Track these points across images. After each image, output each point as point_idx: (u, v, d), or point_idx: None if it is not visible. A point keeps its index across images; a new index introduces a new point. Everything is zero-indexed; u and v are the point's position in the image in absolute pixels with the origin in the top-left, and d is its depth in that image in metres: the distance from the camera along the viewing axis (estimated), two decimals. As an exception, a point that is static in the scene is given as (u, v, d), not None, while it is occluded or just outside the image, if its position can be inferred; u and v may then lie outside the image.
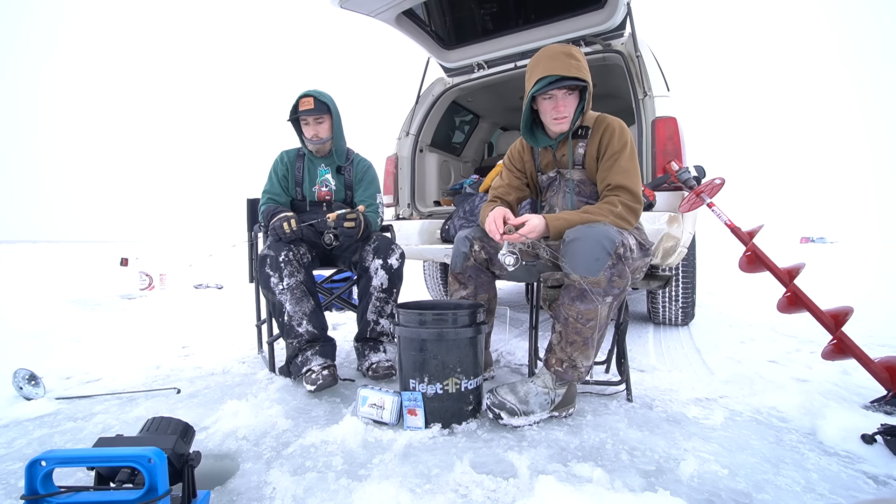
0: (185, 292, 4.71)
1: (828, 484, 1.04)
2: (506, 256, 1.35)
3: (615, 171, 1.40)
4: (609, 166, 1.41)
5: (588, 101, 1.43)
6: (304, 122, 1.89)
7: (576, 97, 1.43)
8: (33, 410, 1.49)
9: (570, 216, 1.35)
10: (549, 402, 1.36)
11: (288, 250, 1.71)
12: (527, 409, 1.32)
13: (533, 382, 1.38)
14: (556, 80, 1.34)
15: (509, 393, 1.35)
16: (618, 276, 1.25)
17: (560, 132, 1.47)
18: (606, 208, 1.35)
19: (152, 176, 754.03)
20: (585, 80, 1.35)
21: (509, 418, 1.30)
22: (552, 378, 1.37)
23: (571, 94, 1.41)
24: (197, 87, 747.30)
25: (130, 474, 0.86)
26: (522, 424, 1.31)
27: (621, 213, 1.35)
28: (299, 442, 1.25)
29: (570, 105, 1.42)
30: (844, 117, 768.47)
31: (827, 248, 23.19)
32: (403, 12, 2.53)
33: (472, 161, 3.95)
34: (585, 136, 1.49)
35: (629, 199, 1.37)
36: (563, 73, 1.33)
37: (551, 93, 1.40)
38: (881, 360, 1.50)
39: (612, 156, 1.41)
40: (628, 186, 1.38)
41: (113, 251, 14.01)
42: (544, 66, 1.35)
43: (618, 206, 1.35)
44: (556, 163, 1.56)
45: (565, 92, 1.40)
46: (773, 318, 2.98)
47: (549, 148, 1.56)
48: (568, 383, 1.38)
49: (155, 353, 2.24)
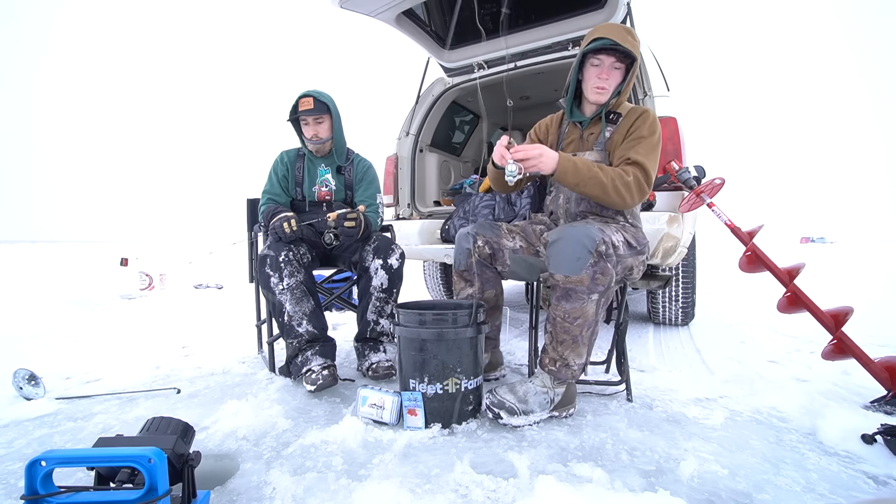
0: (185, 292, 4.70)
1: (828, 484, 1.04)
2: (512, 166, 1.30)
3: (637, 149, 1.40)
4: (632, 145, 1.42)
5: (628, 83, 1.45)
6: (304, 122, 1.89)
7: (621, 73, 1.45)
8: (33, 410, 1.49)
9: (583, 164, 1.33)
10: (549, 402, 1.36)
11: (288, 250, 1.71)
12: (526, 408, 1.32)
13: (532, 382, 1.38)
14: (609, 45, 1.38)
15: (508, 393, 1.35)
16: (600, 273, 1.25)
17: (598, 103, 1.48)
18: (618, 172, 1.35)
19: (152, 176, 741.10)
20: (635, 54, 1.39)
21: (509, 417, 1.30)
22: (549, 378, 1.37)
23: (618, 69, 1.44)
24: (197, 87, 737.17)
25: (130, 474, 0.86)
26: (522, 424, 1.31)
27: (629, 184, 1.34)
28: (299, 442, 1.25)
29: (615, 77, 1.45)
30: (844, 117, 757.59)
31: (827, 248, 23.19)
32: (403, 12, 2.53)
33: (472, 161, 3.95)
34: (616, 122, 1.50)
35: (642, 177, 1.37)
36: (618, 41, 1.36)
37: (600, 58, 1.43)
38: (881, 360, 1.50)
39: (638, 137, 1.42)
40: (645, 165, 1.38)
41: (113, 251, 14.01)
42: (603, 31, 1.40)
43: (630, 176, 1.35)
44: (581, 143, 1.56)
45: (614, 61, 1.43)
46: (773, 318, 2.98)
47: (578, 126, 1.57)
48: (565, 383, 1.38)
49: (155, 353, 2.24)
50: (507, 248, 1.58)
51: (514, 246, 1.58)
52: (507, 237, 1.59)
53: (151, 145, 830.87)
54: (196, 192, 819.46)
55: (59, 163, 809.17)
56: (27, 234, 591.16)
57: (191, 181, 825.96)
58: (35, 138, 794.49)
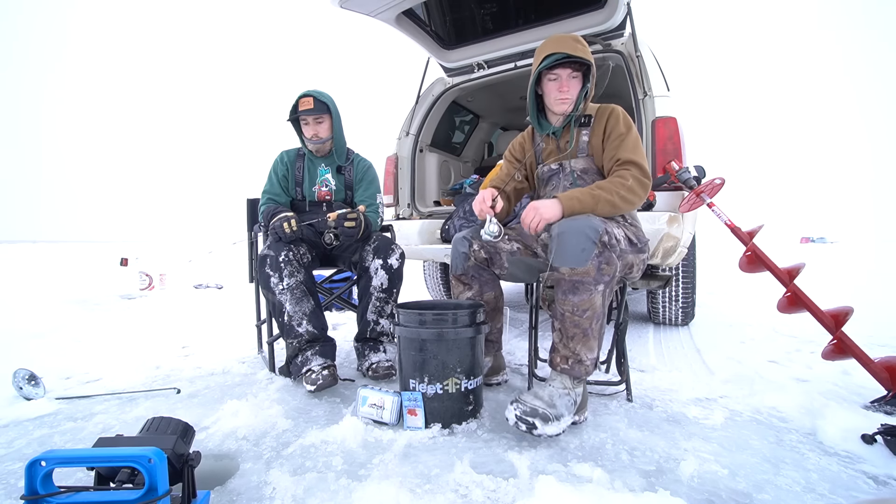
0: (185, 292, 4.70)
1: (828, 484, 1.04)
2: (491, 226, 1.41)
3: (623, 148, 1.42)
4: (616, 145, 1.44)
5: (591, 88, 1.47)
6: (304, 122, 1.89)
7: (580, 81, 1.47)
8: (33, 410, 1.49)
9: (582, 195, 1.34)
10: (573, 404, 1.29)
11: (288, 250, 1.71)
12: (556, 413, 1.22)
13: (551, 385, 1.31)
14: (562, 59, 1.39)
15: (535, 399, 1.24)
16: (605, 263, 1.25)
17: (563, 113, 1.49)
18: (617, 181, 1.36)
19: (152, 176, 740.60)
20: (589, 60, 1.41)
21: (544, 426, 1.18)
22: (567, 378, 1.32)
23: (575, 77, 1.46)
24: (197, 88, 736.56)
25: (130, 474, 0.86)
26: (557, 432, 1.21)
27: (632, 187, 1.36)
28: (299, 442, 1.25)
29: (574, 87, 1.46)
30: (844, 117, 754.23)
31: (827, 248, 23.19)
32: (403, 12, 2.53)
33: (472, 161, 3.95)
34: (588, 125, 1.51)
35: (639, 174, 1.38)
36: (569, 52, 1.38)
37: (556, 72, 1.44)
38: (881, 360, 1.50)
39: (618, 136, 1.44)
40: (637, 161, 1.40)
41: (113, 251, 14.01)
42: (552, 46, 1.41)
43: (629, 180, 1.36)
44: (559, 151, 1.56)
45: (570, 73, 1.45)
46: (773, 318, 2.98)
47: (553, 137, 1.57)
48: (581, 381, 1.34)
49: (155, 353, 2.24)
50: (504, 251, 1.57)
51: (512, 248, 1.58)
52: (504, 240, 1.57)
53: (151, 145, 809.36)
54: (196, 192, 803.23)
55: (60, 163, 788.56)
56: (27, 234, 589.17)
57: (191, 181, 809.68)
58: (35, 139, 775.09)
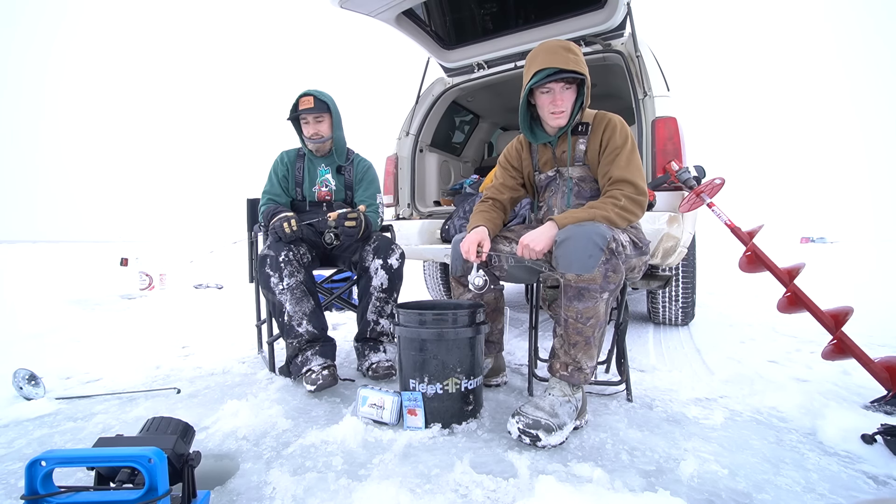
0: (185, 292, 4.71)
1: (828, 484, 1.04)
2: (476, 278, 1.42)
3: (616, 165, 1.40)
4: (611, 161, 1.41)
5: (586, 97, 1.43)
6: (304, 121, 1.89)
7: (574, 92, 1.43)
8: (33, 410, 1.49)
9: (578, 214, 1.33)
10: (574, 410, 1.29)
11: (288, 250, 1.71)
12: (559, 421, 1.23)
13: (550, 394, 1.31)
14: (553, 73, 1.34)
15: (536, 409, 1.24)
16: (612, 270, 1.25)
17: (558, 127, 1.46)
18: (610, 202, 1.35)
19: (152, 176, 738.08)
20: (583, 73, 1.36)
21: (547, 437, 1.18)
22: (566, 384, 1.32)
23: (569, 89, 1.41)
24: (197, 87, 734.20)
25: (130, 474, 0.86)
26: (560, 442, 1.21)
27: (625, 206, 1.34)
28: (299, 442, 1.25)
29: (568, 99, 1.42)
30: (844, 117, 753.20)
31: (827, 248, 23.19)
32: (403, 12, 2.53)
33: (472, 161, 3.95)
34: (585, 133, 1.49)
35: (632, 192, 1.36)
36: (560, 66, 1.33)
37: (549, 86, 1.40)
38: (881, 360, 1.50)
39: (613, 150, 1.42)
40: (630, 179, 1.38)
41: (113, 251, 14.00)
42: (542, 59, 1.36)
43: (621, 200, 1.34)
44: (555, 161, 1.55)
45: (563, 86, 1.40)
46: (773, 318, 2.98)
47: (549, 145, 1.55)
48: (581, 388, 1.34)
49: (155, 353, 2.24)
50: (504, 252, 1.57)
51: (511, 250, 1.57)
52: (504, 242, 1.57)
53: (151, 145, 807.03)
54: (196, 192, 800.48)
55: (60, 163, 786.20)
56: (28, 234, 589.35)
57: (191, 181, 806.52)
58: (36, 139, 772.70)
